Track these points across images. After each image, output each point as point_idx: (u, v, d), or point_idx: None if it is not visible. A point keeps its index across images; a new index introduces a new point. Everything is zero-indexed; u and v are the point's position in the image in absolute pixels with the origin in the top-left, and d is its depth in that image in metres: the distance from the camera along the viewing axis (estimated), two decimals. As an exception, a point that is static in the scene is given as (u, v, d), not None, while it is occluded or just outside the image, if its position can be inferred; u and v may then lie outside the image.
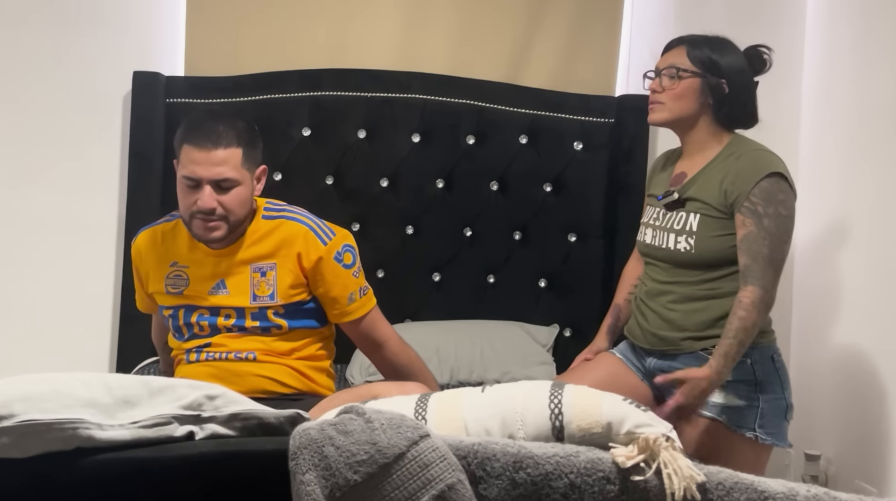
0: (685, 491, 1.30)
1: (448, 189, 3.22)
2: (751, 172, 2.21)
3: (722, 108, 2.30)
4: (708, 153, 2.33)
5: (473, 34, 3.26)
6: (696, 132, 2.34)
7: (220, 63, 3.18)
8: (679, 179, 2.37)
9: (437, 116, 3.19)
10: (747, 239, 2.19)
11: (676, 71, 2.30)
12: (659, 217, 2.38)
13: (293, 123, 3.17)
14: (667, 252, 2.34)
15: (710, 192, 2.27)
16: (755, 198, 2.19)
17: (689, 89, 2.30)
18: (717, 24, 3.31)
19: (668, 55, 2.37)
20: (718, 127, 2.33)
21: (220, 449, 1.32)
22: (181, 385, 1.38)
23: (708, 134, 2.33)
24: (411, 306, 3.23)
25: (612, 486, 1.30)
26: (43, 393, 1.27)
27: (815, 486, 1.40)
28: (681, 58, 2.32)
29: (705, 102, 2.31)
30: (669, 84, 2.31)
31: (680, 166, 2.40)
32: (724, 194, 2.24)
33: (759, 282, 2.17)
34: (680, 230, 2.31)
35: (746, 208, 2.20)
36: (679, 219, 2.32)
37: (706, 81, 2.29)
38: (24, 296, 3.17)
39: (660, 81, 2.33)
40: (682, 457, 1.34)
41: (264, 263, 2.28)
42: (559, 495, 1.29)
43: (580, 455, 1.32)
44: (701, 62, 2.30)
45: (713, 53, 2.31)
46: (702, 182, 2.31)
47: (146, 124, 3.11)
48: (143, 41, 3.22)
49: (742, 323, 2.14)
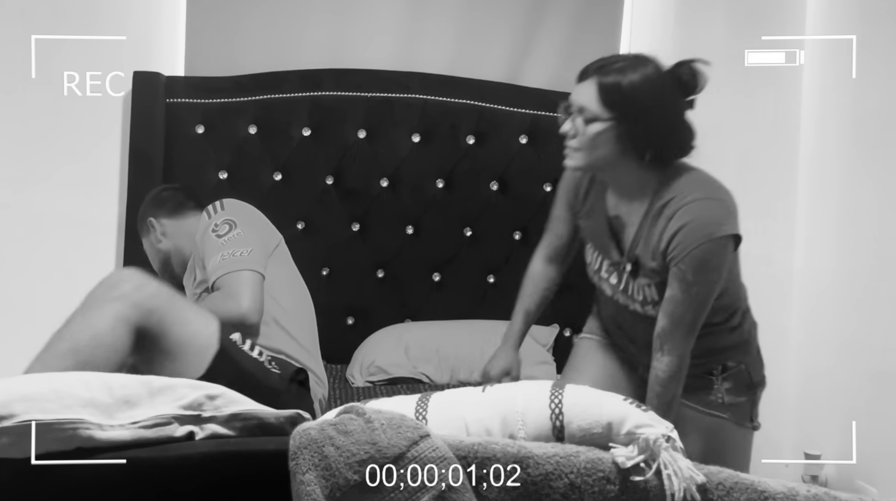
0: (685, 492, 1.30)
1: (448, 189, 3.22)
2: (688, 238, 1.97)
3: (647, 150, 1.99)
4: (642, 199, 2.04)
5: (473, 34, 3.26)
6: (623, 176, 2.04)
7: (220, 63, 3.18)
8: (620, 227, 2.09)
9: (437, 116, 3.19)
10: (671, 302, 1.99)
11: (588, 116, 1.98)
12: (613, 276, 2.13)
13: (293, 123, 3.17)
14: (640, 316, 2.13)
15: (651, 256, 2.03)
16: (684, 266, 1.97)
17: (603, 138, 1.97)
18: (717, 24, 3.34)
19: (580, 90, 2.02)
20: (646, 169, 2.02)
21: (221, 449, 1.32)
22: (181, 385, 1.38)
23: (636, 177, 2.02)
24: (411, 306, 3.23)
25: (612, 486, 1.30)
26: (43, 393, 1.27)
27: (815, 486, 1.40)
28: (590, 99, 1.98)
29: (626, 147, 1.98)
30: (583, 129, 1.98)
31: (614, 206, 2.10)
32: (662, 257, 2.01)
33: (677, 351, 2.01)
34: (643, 301, 2.09)
35: (674, 272, 1.98)
36: (637, 289, 2.09)
37: (622, 124, 1.96)
38: (23, 296, 3.16)
39: (572, 123, 2.00)
40: (682, 458, 1.34)
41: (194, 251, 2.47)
42: (559, 495, 1.29)
43: (580, 455, 1.32)
44: (613, 104, 1.96)
45: (627, 87, 1.96)
46: (644, 244, 2.04)
47: (146, 124, 3.11)
48: (143, 41, 3.22)
49: (661, 400, 1.99)
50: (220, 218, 2.32)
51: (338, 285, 3.24)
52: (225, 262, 2.22)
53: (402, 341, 3.02)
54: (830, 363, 3.05)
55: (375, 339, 3.09)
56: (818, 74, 3.25)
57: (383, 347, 3.02)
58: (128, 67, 3.14)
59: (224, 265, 2.21)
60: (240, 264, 2.21)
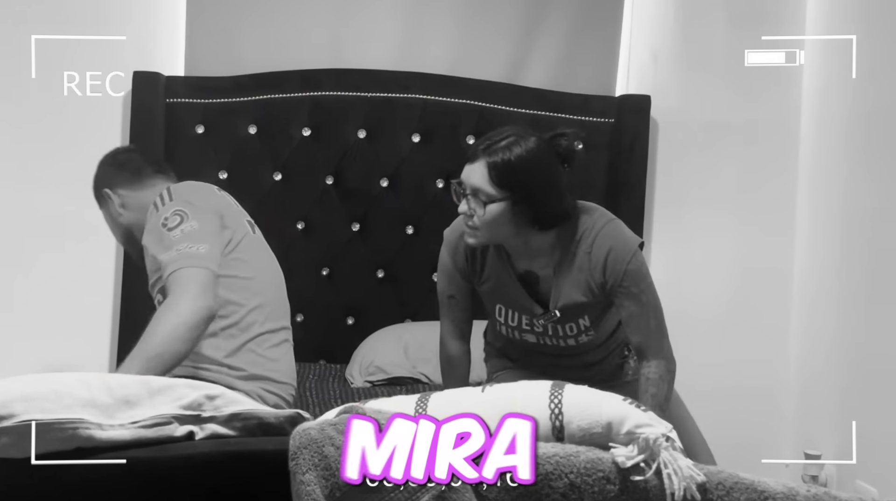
0: (685, 491, 1.30)
1: (448, 189, 3.21)
2: (616, 262, 2.13)
3: (539, 218, 2.11)
4: (548, 254, 2.17)
5: (473, 34, 3.26)
6: (523, 242, 2.15)
7: (220, 63, 3.18)
8: (533, 281, 2.19)
9: (437, 116, 3.19)
10: (633, 319, 2.14)
11: (483, 197, 2.06)
12: (537, 326, 2.21)
13: (293, 123, 3.17)
14: (567, 348, 2.25)
15: (583, 293, 2.16)
16: (628, 282, 2.13)
17: (500, 217, 2.08)
18: (717, 24, 3.34)
19: (471, 171, 2.09)
20: (543, 231, 2.14)
21: (220, 449, 1.32)
22: (181, 385, 1.38)
23: (535, 239, 2.14)
24: (411, 306, 3.23)
25: (612, 486, 1.30)
26: (43, 393, 1.27)
27: (815, 486, 1.40)
28: (482, 180, 2.06)
29: (522, 220, 2.10)
30: (479, 210, 2.07)
31: (522, 265, 2.19)
32: (599, 288, 2.15)
33: (660, 354, 2.15)
34: (577, 333, 2.21)
35: (622, 293, 2.13)
36: (570, 328, 2.20)
37: (513, 201, 2.06)
38: (23, 296, 3.16)
39: (468, 204, 2.09)
40: (682, 457, 1.34)
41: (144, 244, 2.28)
42: (559, 495, 1.29)
43: (580, 455, 1.32)
44: (503, 183, 2.05)
45: (515, 164, 2.05)
46: (568, 289, 2.16)
47: (146, 124, 3.11)
48: (143, 41, 3.22)
49: (656, 400, 2.09)
50: (169, 210, 2.15)
51: (338, 285, 3.24)
52: (175, 259, 2.06)
53: (402, 341, 3.01)
54: (830, 363, 3.04)
55: (375, 339, 3.09)
56: (818, 73, 3.25)
57: (383, 347, 3.02)
58: (128, 67, 3.14)
59: (175, 262, 2.06)
60: (191, 261, 2.05)
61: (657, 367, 2.14)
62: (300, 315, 3.24)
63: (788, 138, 3.34)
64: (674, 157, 3.36)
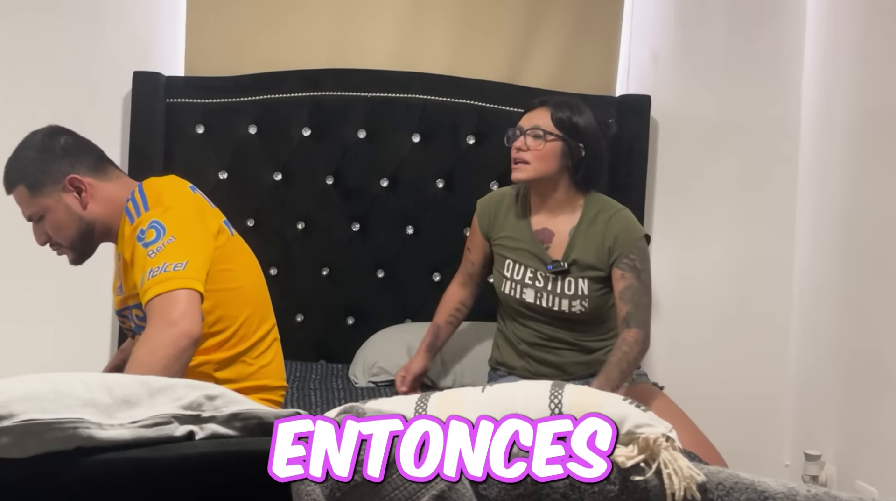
0: (685, 491, 1.30)
1: (448, 189, 3.22)
2: (630, 233, 2.48)
3: (579, 170, 2.49)
4: (569, 213, 2.53)
5: (473, 34, 3.26)
6: (556, 191, 2.52)
7: (220, 63, 3.19)
8: (548, 237, 2.54)
9: (437, 116, 3.19)
10: (629, 290, 2.43)
11: (543, 133, 2.46)
12: (539, 279, 2.52)
13: (293, 123, 3.17)
14: (559, 313, 2.53)
15: (594, 254, 2.48)
16: (633, 256, 2.45)
17: (552, 151, 2.46)
18: (717, 24, 3.35)
19: (532, 115, 2.51)
20: (574, 187, 2.52)
21: (221, 449, 1.32)
22: (181, 385, 1.37)
23: (566, 194, 2.52)
24: (411, 306, 3.23)
25: (612, 486, 1.30)
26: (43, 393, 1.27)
27: (815, 486, 1.40)
28: (545, 120, 2.48)
29: (566, 164, 2.48)
30: (534, 144, 2.46)
31: (540, 221, 2.55)
32: (607, 253, 2.47)
33: (643, 326, 2.42)
34: (572, 295, 2.50)
35: (626, 264, 2.44)
36: (569, 285, 2.50)
37: (567, 144, 2.46)
38: (23, 296, 3.17)
39: (524, 141, 2.47)
40: (682, 457, 1.34)
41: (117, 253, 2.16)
42: (559, 495, 1.29)
43: (580, 455, 1.32)
44: (563, 126, 2.46)
45: (573, 117, 2.48)
46: (581, 246, 2.50)
47: (146, 124, 3.11)
48: (143, 41, 3.23)
49: (625, 356, 2.37)
50: (145, 221, 1.99)
51: (338, 285, 3.24)
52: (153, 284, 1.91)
53: (405, 341, 3.02)
54: (830, 363, 3.05)
55: (377, 339, 3.09)
56: (818, 73, 3.25)
57: (386, 347, 3.02)
58: (128, 66, 3.15)
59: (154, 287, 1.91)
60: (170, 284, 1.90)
61: (636, 335, 2.40)
62: (300, 315, 3.24)
63: (788, 138, 3.34)
64: (674, 157, 3.36)
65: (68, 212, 2.11)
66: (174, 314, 1.87)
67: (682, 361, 3.37)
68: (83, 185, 2.10)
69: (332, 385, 2.92)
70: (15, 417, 1.23)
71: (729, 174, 3.38)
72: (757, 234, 3.38)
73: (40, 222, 2.13)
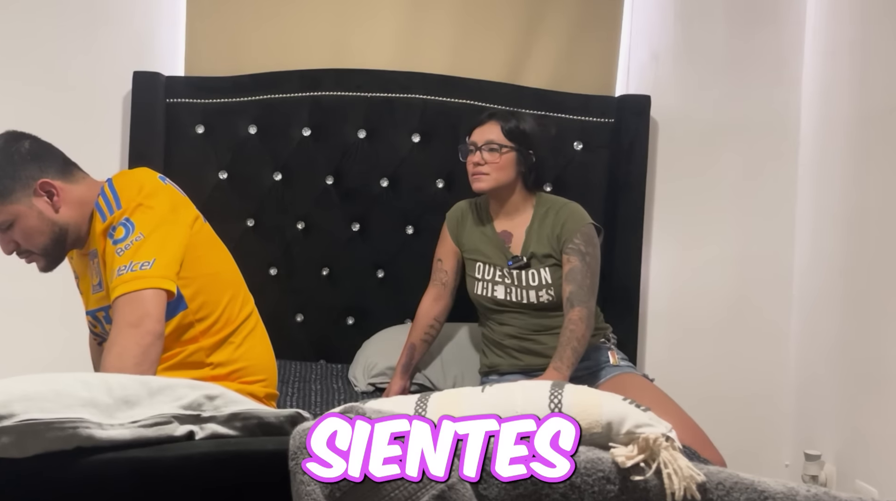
0: (685, 491, 1.30)
1: (448, 189, 3.22)
2: (575, 221, 2.68)
3: (531, 174, 2.72)
4: (524, 214, 2.75)
5: (473, 34, 3.26)
6: (512, 195, 2.74)
7: (220, 63, 3.19)
8: (508, 237, 2.74)
9: (437, 116, 3.19)
10: (573, 272, 2.61)
11: (499, 146, 2.67)
12: (507, 275, 2.71)
13: (293, 123, 3.17)
14: (529, 305, 2.70)
15: (548, 244, 2.68)
16: (578, 240, 2.64)
17: (508, 161, 2.68)
18: (717, 23, 3.35)
19: (483, 130, 2.71)
20: (526, 190, 2.75)
21: (220, 449, 1.32)
22: (180, 385, 1.37)
23: (520, 196, 2.74)
24: (411, 307, 3.22)
25: (612, 486, 1.30)
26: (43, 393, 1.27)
27: (815, 486, 1.40)
28: (496, 133, 2.69)
29: (520, 171, 2.71)
30: (491, 157, 2.67)
31: (501, 225, 2.76)
32: (556, 240, 2.67)
33: (585, 304, 2.58)
34: (538, 286, 2.68)
35: (571, 248, 2.64)
36: (532, 276, 2.69)
37: (520, 152, 2.69)
38: (22, 296, 3.16)
39: (481, 155, 2.68)
40: (682, 457, 1.34)
41: (91, 249, 2.13)
42: (559, 495, 1.29)
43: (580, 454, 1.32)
44: (514, 136, 2.69)
45: (521, 125, 2.70)
46: (536, 240, 2.70)
47: (146, 124, 3.11)
48: (143, 41, 3.22)
49: (573, 334, 2.53)
50: (116, 219, 2.00)
51: (338, 285, 3.24)
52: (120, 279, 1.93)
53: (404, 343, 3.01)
54: (830, 363, 3.05)
55: (377, 340, 3.09)
56: (818, 73, 3.25)
57: (386, 349, 3.02)
58: (128, 66, 3.15)
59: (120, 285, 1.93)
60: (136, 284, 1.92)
61: (580, 312, 2.56)
62: (300, 315, 3.24)
63: (788, 138, 3.34)
64: (674, 157, 3.36)
65: (41, 217, 2.06)
66: (136, 314, 1.91)
67: (681, 361, 3.37)
68: (54, 188, 2.06)
69: (332, 385, 2.92)
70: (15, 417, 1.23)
71: (729, 174, 3.38)
72: (757, 233, 3.38)
73: (8, 231, 2.06)
